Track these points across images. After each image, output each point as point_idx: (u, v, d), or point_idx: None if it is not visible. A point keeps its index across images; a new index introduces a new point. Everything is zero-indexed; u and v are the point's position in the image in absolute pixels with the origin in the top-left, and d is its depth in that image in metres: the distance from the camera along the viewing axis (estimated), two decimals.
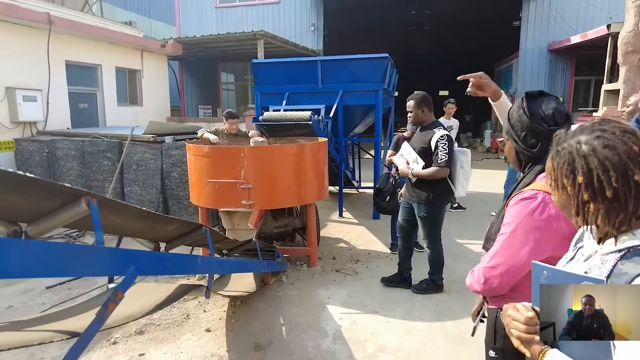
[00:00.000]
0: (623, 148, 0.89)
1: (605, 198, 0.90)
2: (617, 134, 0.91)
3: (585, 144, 0.93)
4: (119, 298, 1.50)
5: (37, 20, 7.76)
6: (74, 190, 1.45)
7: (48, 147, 6.86)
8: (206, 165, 4.08)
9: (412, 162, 3.64)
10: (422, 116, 3.67)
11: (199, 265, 2.21)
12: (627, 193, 0.88)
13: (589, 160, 0.91)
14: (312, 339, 3.17)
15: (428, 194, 3.58)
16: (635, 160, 0.88)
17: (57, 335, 1.49)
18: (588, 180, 0.91)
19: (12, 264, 1.14)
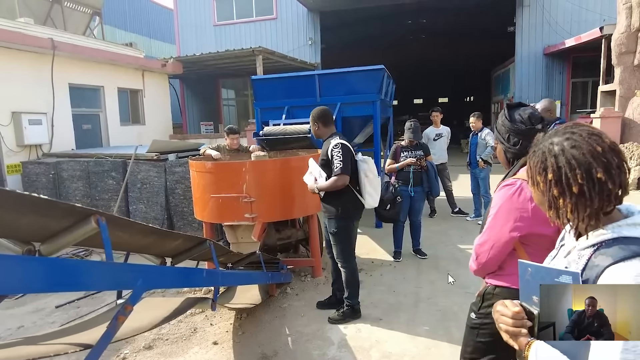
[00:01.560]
0: (588, 148, 0.98)
1: (573, 193, 0.99)
2: (583, 136, 1.01)
3: (556, 144, 1.03)
4: (129, 311, 1.58)
5: (41, 45, 7.97)
6: (83, 209, 1.53)
7: (54, 168, 6.99)
8: (209, 180, 4.18)
9: (318, 177, 3.50)
10: (317, 131, 3.60)
11: (203, 278, 2.29)
12: (591, 189, 0.96)
13: (559, 159, 1.01)
14: (318, 348, 3.22)
15: (337, 208, 3.46)
16: (599, 159, 0.97)
17: (71, 347, 1.57)
18: (557, 177, 1.01)
19: (28, 281, 1.23)
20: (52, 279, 1.33)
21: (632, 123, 9.25)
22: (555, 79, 14.59)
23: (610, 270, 0.93)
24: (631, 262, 0.91)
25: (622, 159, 0.99)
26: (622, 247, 0.94)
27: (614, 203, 0.99)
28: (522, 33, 14.50)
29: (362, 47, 21.60)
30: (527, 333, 1.04)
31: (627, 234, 0.96)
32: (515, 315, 1.06)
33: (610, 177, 0.96)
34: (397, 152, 5.00)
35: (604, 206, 0.98)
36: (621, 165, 0.98)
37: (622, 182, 0.98)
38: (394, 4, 15.00)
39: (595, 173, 0.96)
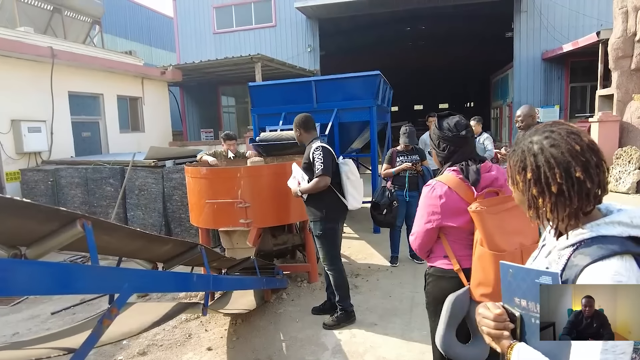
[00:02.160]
0: (567, 147, 0.97)
1: (552, 193, 0.98)
2: (562, 134, 1.00)
3: (535, 143, 1.02)
4: (114, 314, 1.58)
5: (40, 54, 8.03)
6: (68, 213, 1.54)
7: (52, 175, 7.02)
8: (204, 186, 4.19)
9: (302, 181, 3.55)
10: (300, 137, 3.72)
11: (194, 282, 2.29)
12: (570, 188, 0.96)
13: (538, 158, 1.00)
14: (312, 353, 3.21)
15: (321, 210, 3.48)
16: (577, 158, 0.96)
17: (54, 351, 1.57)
18: (536, 176, 1.00)
19: (14, 283, 1.24)
20: (37, 281, 1.33)
21: (630, 127, 9.25)
22: (553, 83, 14.63)
23: (589, 270, 0.92)
24: (609, 260, 0.90)
25: (600, 158, 0.98)
26: (601, 246, 0.94)
27: (593, 202, 0.98)
28: (520, 38, 14.56)
29: (361, 53, 21.72)
30: (509, 335, 1.03)
31: (606, 233, 0.95)
32: (497, 317, 1.05)
33: (589, 176, 0.96)
34: (393, 157, 5.00)
35: (583, 206, 0.98)
36: (600, 164, 0.98)
37: (600, 181, 0.97)
38: (391, 11, 15.10)
39: (574, 172, 0.96)
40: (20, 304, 4.57)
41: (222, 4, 16.64)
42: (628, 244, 0.93)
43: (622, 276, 0.88)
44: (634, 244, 0.93)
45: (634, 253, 0.92)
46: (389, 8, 14.80)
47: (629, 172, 8.65)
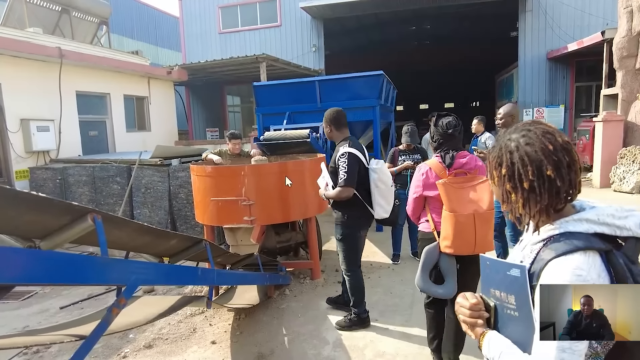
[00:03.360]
0: (540, 146, 1.02)
1: (524, 189, 1.03)
2: (538, 134, 1.04)
3: (513, 141, 1.07)
4: (122, 304, 1.66)
5: (49, 54, 8.17)
6: (80, 207, 1.63)
7: (61, 174, 7.14)
8: (209, 184, 4.28)
9: (328, 183, 3.41)
10: (330, 134, 3.53)
11: (198, 276, 2.37)
12: (541, 186, 1.01)
13: (513, 155, 1.05)
14: (313, 347, 3.28)
15: (343, 215, 3.39)
16: (550, 157, 1.01)
17: (66, 337, 1.66)
18: (510, 172, 1.05)
19: (29, 272, 1.32)
20: (49, 270, 1.42)
21: (634, 126, 9.24)
22: (558, 83, 14.59)
23: (552, 264, 0.97)
24: (572, 255, 0.95)
25: (573, 158, 1.02)
26: (566, 241, 0.98)
27: (564, 200, 1.03)
28: (525, 38, 14.54)
29: (366, 53, 21.76)
30: (483, 324, 1.10)
31: (573, 229, 0.99)
32: (472, 306, 1.11)
33: (560, 175, 1.00)
34: (395, 156, 5.06)
35: (553, 203, 1.02)
36: (572, 164, 1.01)
37: (572, 181, 1.02)
38: (395, 11, 15.13)
39: (546, 170, 1.00)
40: (30, 298, 4.69)
41: (228, 3, 16.75)
42: (593, 240, 0.97)
43: (582, 270, 0.93)
44: (599, 240, 0.97)
45: (598, 249, 0.96)
46: (394, 8, 14.83)
47: (632, 171, 8.64)
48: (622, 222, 0.98)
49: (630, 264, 0.95)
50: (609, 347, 0.98)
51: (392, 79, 7.36)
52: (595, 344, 0.97)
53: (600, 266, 0.95)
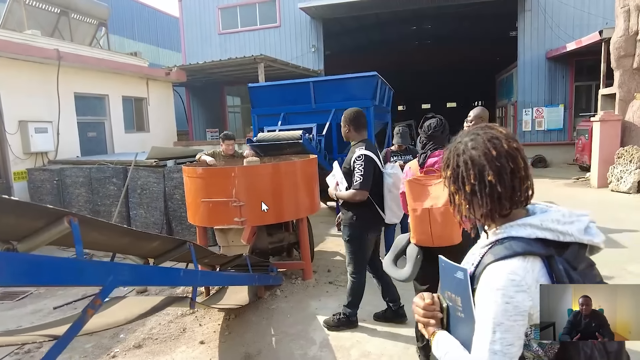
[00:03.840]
0: (484, 151, 1.03)
1: (466, 192, 1.05)
2: (484, 138, 1.05)
3: (462, 144, 1.09)
4: (98, 305, 1.70)
5: (47, 56, 8.22)
6: (56, 210, 1.66)
7: (58, 175, 7.20)
8: (200, 185, 4.31)
9: (340, 183, 3.39)
10: (348, 134, 3.47)
11: (181, 277, 2.40)
12: (482, 190, 1.02)
13: (459, 158, 1.07)
14: (300, 347, 3.31)
15: (352, 216, 3.34)
16: (492, 163, 1.01)
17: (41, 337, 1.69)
18: (455, 175, 1.08)
19: (5, 273, 1.36)
20: (25, 272, 1.45)
21: (632, 126, 9.22)
22: (558, 82, 14.55)
23: (489, 268, 0.98)
24: (510, 260, 0.96)
25: (518, 165, 1.02)
26: (507, 246, 0.99)
27: (508, 206, 1.03)
28: (524, 38, 14.51)
29: (367, 53, 21.77)
30: (435, 324, 1.12)
31: (515, 234, 1.00)
32: (426, 307, 1.14)
33: (502, 181, 1.00)
34: (387, 156, 5.08)
35: (497, 208, 1.02)
36: (517, 171, 1.01)
37: (515, 187, 1.02)
38: (394, 11, 15.14)
39: (487, 175, 1.01)
40: (24, 299, 4.74)
41: (227, 4, 16.80)
42: (534, 245, 0.98)
43: (517, 275, 0.94)
44: (541, 245, 0.98)
45: (538, 254, 0.96)
46: (393, 8, 14.83)
47: (630, 171, 8.63)
48: (565, 228, 0.99)
49: (570, 270, 0.96)
50: (554, 350, 0.99)
51: (392, 78, 7.38)
52: (536, 346, 0.98)
53: (540, 271, 0.96)
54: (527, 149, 14.59)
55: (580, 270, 0.98)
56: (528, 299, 0.94)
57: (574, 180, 10.62)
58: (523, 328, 0.95)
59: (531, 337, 0.98)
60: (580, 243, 1.00)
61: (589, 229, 1.02)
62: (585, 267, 1.02)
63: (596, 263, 2.30)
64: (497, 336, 0.93)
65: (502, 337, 0.93)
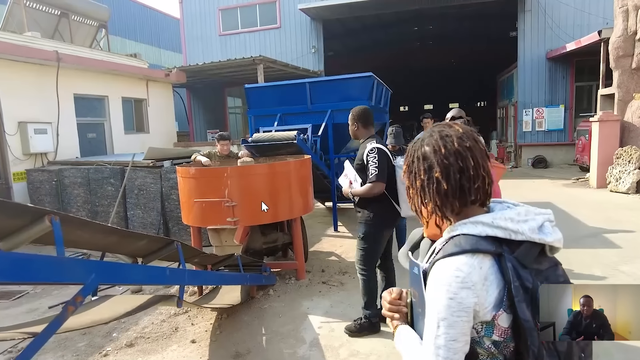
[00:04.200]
0: (434, 148, 1.04)
1: (416, 187, 1.07)
2: (437, 136, 1.06)
3: (420, 140, 1.11)
4: (79, 302, 1.72)
5: (46, 58, 8.28)
6: (37, 209, 1.69)
7: (56, 176, 7.25)
8: (193, 186, 4.34)
9: (354, 181, 3.37)
10: (356, 132, 3.47)
11: (167, 276, 2.42)
12: (430, 186, 1.04)
13: (415, 153, 1.09)
14: (290, 346, 3.33)
15: (368, 214, 3.32)
16: (440, 160, 1.02)
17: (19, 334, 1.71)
18: (409, 170, 1.10)
19: None
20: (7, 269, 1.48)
21: (630, 126, 9.20)
22: (558, 83, 14.53)
23: (437, 264, 0.99)
24: (457, 257, 0.96)
25: (467, 164, 1.01)
26: (456, 243, 0.99)
27: (456, 204, 1.03)
28: (524, 38, 14.50)
29: (368, 53, 21.80)
30: (399, 317, 1.15)
31: (467, 232, 1.00)
32: (392, 301, 1.17)
33: (448, 179, 1.01)
34: None
35: (446, 204, 1.04)
36: (465, 170, 1.01)
37: (464, 186, 1.02)
38: (394, 11, 15.16)
39: (435, 172, 1.03)
40: (20, 298, 4.78)
41: (228, 6, 16.86)
42: (482, 242, 0.97)
43: (461, 272, 0.93)
44: (490, 243, 0.97)
45: (486, 252, 0.96)
46: (393, 9, 14.85)
47: (628, 171, 8.61)
48: (517, 226, 0.98)
49: (519, 268, 0.94)
50: (509, 349, 0.98)
51: (394, 79, 7.42)
52: (488, 344, 0.98)
53: (490, 269, 0.95)
54: (527, 149, 14.72)
55: (536, 270, 0.97)
56: (472, 295, 0.93)
57: (574, 180, 10.61)
58: (468, 324, 0.95)
59: (482, 335, 0.97)
60: (533, 242, 0.98)
61: (543, 228, 1.00)
62: (548, 267, 1.01)
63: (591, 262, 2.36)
64: (441, 331, 0.94)
65: (445, 332, 0.94)
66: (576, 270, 4.44)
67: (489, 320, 0.96)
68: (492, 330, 0.96)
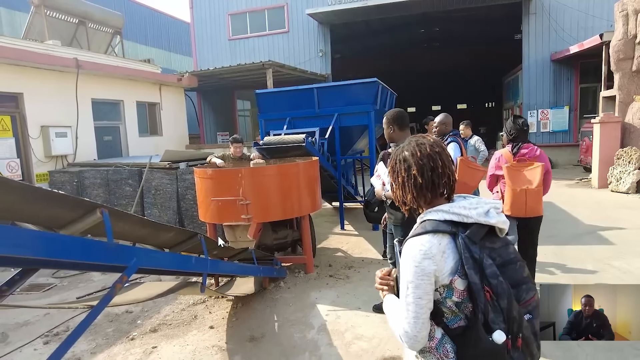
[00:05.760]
0: (412, 152, 1.37)
1: (398, 183, 1.41)
2: (413, 144, 1.39)
3: (401, 148, 1.44)
4: (124, 280, 2.06)
5: (67, 65, 8.71)
6: (91, 203, 2.03)
7: (77, 177, 7.65)
8: (210, 185, 4.68)
9: (387, 183, 3.43)
10: (392, 135, 3.56)
11: (192, 264, 2.76)
12: (409, 181, 1.36)
13: (397, 157, 1.42)
14: (300, 331, 3.65)
15: (404, 215, 3.22)
16: (417, 161, 1.35)
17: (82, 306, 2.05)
18: (393, 170, 1.43)
19: (53, 249, 1.72)
20: (68, 249, 1.82)
21: (631, 128, 9.40)
22: (563, 84, 14.71)
23: (408, 242, 1.31)
24: (422, 236, 1.27)
25: (437, 164, 1.33)
26: (422, 225, 1.30)
27: (428, 196, 1.35)
28: (529, 40, 14.71)
29: (375, 56, 22.10)
30: (387, 289, 1.46)
31: (430, 217, 1.31)
32: (382, 277, 1.49)
33: (422, 175, 1.33)
34: (384, 158, 5.38)
35: (420, 196, 1.36)
36: (435, 168, 1.33)
37: (435, 181, 1.33)
38: (400, 15, 15.44)
39: (412, 170, 1.35)
40: (49, 290, 5.15)
41: (237, 11, 17.26)
42: (441, 225, 1.27)
43: (423, 246, 1.24)
44: (448, 225, 1.27)
45: (444, 232, 1.26)
46: (399, 13, 15.14)
47: (629, 172, 8.81)
48: (467, 212, 1.28)
49: (470, 244, 1.23)
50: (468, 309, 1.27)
51: (402, 81, 7.72)
52: (450, 304, 1.28)
53: (447, 245, 1.26)
54: None
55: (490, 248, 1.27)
56: (433, 264, 1.23)
57: (576, 181, 10.81)
58: (430, 286, 1.25)
59: (444, 296, 1.27)
60: (480, 224, 1.28)
61: (489, 213, 1.28)
62: (500, 246, 1.31)
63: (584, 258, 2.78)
64: (410, 291, 1.25)
65: (413, 292, 1.25)
66: (569, 265, 4.69)
67: (447, 284, 1.26)
68: (452, 293, 1.26)
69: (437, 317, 1.30)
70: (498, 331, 1.19)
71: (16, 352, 3.50)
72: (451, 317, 1.30)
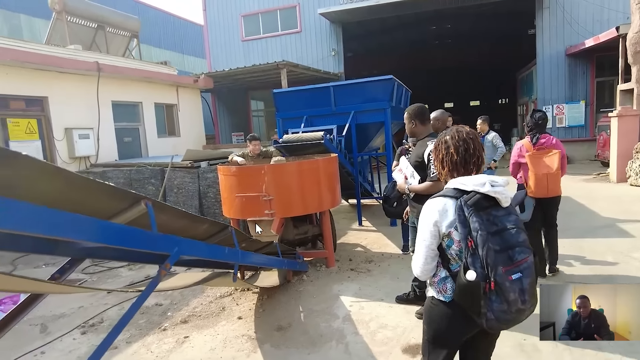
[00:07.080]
0: (451, 137, 1.77)
1: (439, 159, 1.79)
2: (453, 131, 1.78)
3: (444, 133, 1.83)
4: (168, 267, 2.19)
5: (88, 68, 8.98)
6: (135, 195, 2.17)
7: (101, 177, 7.87)
8: (234, 182, 4.83)
9: (409, 177, 3.48)
10: (414, 129, 3.58)
11: (225, 253, 2.90)
12: (448, 157, 1.74)
13: (440, 140, 1.81)
14: (325, 321, 3.77)
15: None
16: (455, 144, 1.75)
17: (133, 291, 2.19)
18: (437, 150, 1.83)
19: (105, 235, 1.86)
20: (118, 236, 1.96)
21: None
22: (578, 79, 14.57)
23: (427, 201, 1.79)
24: (437, 198, 1.75)
25: (469, 147, 1.75)
26: (444, 191, 1.76)
27: (461, 170, 1.77)
28: (542, 35, 14.60)
29: (387, 53, 22.12)
30: None
31: (452, 186, 1.74)
32: None
33: (458, 153, 1.76)
34: (401, 154, 5.48)
35: (455, 170, 1.74)
36: (467, 149, 1.75)
37: (467, 159, 1.75)
38: (413, 12, 15.46)
39: (451, 149, 1.78)
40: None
41: (250, 12, 17.46)
42: (450, 191, 1.72)
43: (434, 204, 1.74)
44: (456, 192, 1.69)
45: (451, 196, 1.71)
46: (411, 10, 15.16)
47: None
48: (467, 182, 1.69)
49: (464, 206, 1.63)
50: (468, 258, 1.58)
51: (414, 78, 7.77)
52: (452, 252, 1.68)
53: (452, 206, 1.69)
54: None
55: (494, 215, 1.62)
56: (436, 216, 1.71)
57: (594, 176, 10.73)
58: (433, 232, 1.72)
59: (447, 244, 1.70)
60: (486, 195, 1.64)
61: (485, 185, 1.64)
62: (503, 215, 1.64)
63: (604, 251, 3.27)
64: (419, 235, 1.79)
65: (422, 234, 1.77)
66: (588, 257, 4.74)
67: (447, 234, 1.70)
68: (452, 242, 1.70)
69: (444, 262, 1.76)
70: (470, 271, 1.53)
71: (57, 341, 3.68)
72: (454, 264, 1.73)
